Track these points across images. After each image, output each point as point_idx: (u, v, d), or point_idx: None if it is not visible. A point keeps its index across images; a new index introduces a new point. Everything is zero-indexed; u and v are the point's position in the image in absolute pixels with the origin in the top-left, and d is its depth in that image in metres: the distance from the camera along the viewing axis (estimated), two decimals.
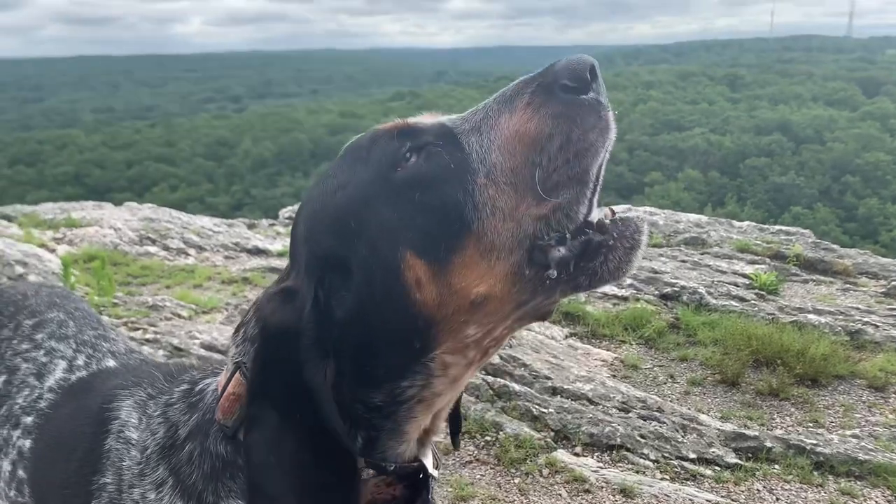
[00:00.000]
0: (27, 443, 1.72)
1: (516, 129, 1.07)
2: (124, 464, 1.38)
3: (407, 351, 1.15)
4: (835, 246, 8.93)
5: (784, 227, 9.83)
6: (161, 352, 5.43)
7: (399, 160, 1.12)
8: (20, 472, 1.73)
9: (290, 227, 1.30)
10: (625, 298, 7.04)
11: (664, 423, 4.85)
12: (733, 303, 6.91)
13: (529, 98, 1.08)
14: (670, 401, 5.31)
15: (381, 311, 1.13)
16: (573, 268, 1.08)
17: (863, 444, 4.68)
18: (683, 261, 8.24)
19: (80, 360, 1.84)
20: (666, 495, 4.09)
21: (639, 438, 4.67)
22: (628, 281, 7.37)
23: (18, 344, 1.92)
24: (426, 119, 1.21)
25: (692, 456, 4.58)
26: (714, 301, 6.93)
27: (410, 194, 1.10)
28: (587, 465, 4.39)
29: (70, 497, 1.49)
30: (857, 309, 6.80)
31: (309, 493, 1.13)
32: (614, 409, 4.99)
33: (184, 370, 1.54)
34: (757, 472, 4.45)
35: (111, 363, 1.86)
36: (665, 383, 5.63)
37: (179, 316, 6.58)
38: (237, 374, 1.25)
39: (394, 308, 1.12)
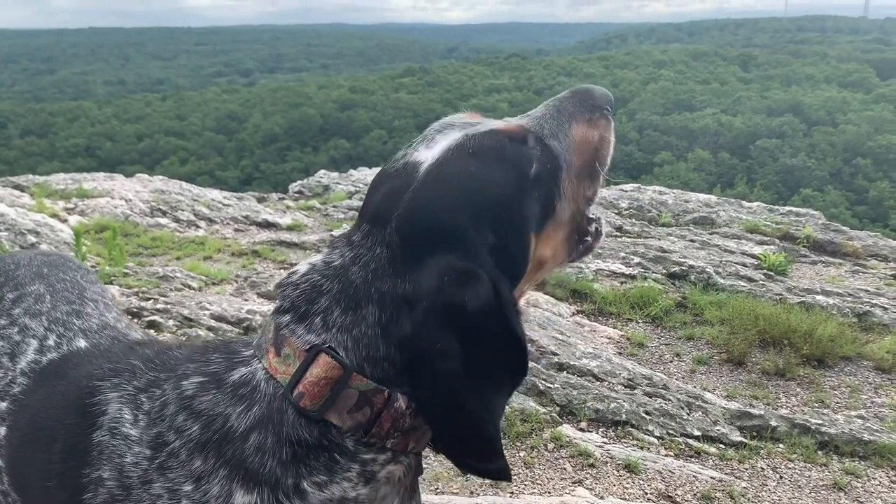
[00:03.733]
0: (2, 430, 1.63)
1: (584, 137, 1.43)
2: (126, 460, 1.30)
3: None
4: (844, 228, 8.92)
5: (794, 209, 9.81)
6: (171, 321, 5.48)
7: (532, 163, 1.36)
8: None
9: (439, 204, 1.27)
10: (632, 277, 7.05)
11: (669, 400, 4.88)
12: (741, 283, 6.91)
13: (589, 116, 1.44)
14: (676, 379, 5.34)
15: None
16: (594, 238, 1.47)
17: (868, 424, 4.71)
18: (692, 240, 8.23)
19: (51, 340, 1.75)
20: (670, 471, 4.12)
21: (644, 415, 4.70)
22: (636, 259, 7.38)
23: None
24: (508, 120, 1.45)
25: (697, 433, 4.61)
26: (722, 281, 6.94)
27: (535, 190, 1.35)
28: (592, 440, 4.42)
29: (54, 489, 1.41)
30: (866, 291, 6.79)
31: (496, 432, 1.26)
32: (620, 386, 5.01)
33: (174, 354, 1.46)
34: (761, 451, 4.48)
35: (82, 344, 1.75)
36: (671, 361, 5.66)
37: (189, 287, 6.62)
38: (324, 357, 1.22)
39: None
